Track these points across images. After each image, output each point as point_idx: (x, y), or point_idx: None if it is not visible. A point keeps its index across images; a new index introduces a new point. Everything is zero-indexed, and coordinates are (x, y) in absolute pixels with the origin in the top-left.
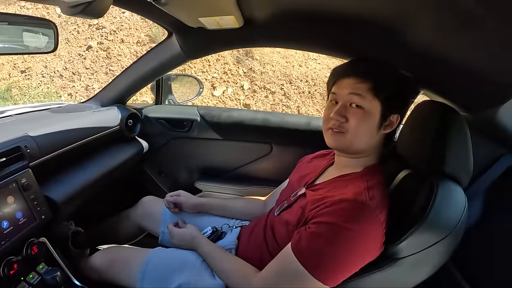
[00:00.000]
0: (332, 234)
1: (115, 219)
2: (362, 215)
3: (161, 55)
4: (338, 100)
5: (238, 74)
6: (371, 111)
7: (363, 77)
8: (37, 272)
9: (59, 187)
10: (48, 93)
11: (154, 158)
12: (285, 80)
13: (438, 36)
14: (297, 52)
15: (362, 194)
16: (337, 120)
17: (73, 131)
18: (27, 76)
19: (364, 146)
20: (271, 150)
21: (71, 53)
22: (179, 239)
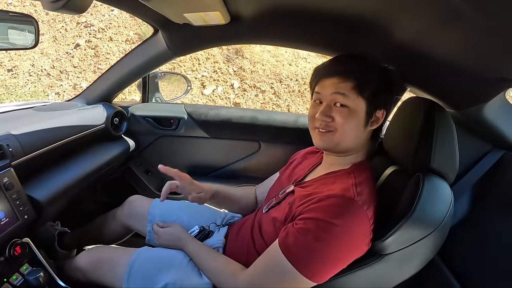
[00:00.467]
0: (320, 230)
1: (101, 219)
2: (349, 211)
3: (147, 52)
4: (322, 100)
5: (228, 73)
6: (356, 109)
7: (345, 76)
8: (20, 273)
9: (43, 186)
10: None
11: (141, 157)
12: (275, 79)
13: (425, 33)
14: (287, 51)
15: (349, 190)
16: (323, 120)
17: (57, 130)
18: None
19: (352, 144)
20: (259, 148)
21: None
22: (165, 238)
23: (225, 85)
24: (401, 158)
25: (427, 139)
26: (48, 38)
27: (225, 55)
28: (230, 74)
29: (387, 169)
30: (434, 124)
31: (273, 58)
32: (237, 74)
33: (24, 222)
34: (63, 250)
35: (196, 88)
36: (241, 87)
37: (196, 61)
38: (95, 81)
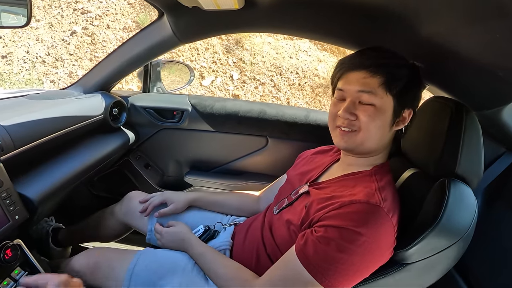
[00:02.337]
0: (343, 239)
1: (98, 216)
2: (375, 219)
3: (151, 38)
4: (346, 97)
5: (227, 64)
6: (383, 108)
7: (373, 71)
8: (12, 278)
9: (36, 183)
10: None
11: (140, 150)
12: (275, 71)
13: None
14: (287, 43)
15: (374, 195)
16: (347, 119)
17: (52, 121)
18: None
19: (376, 145)
20: (267, 144)
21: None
22: (168, 239)
23: (224, 76)
24: (423, 160)
25: (454, 142)
26: (44, 24)
27: (225, 45)
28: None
29: (405, 171)
30: (462, 126)
31: (273, 50)
32: (237, 65)
33: (15, 223)
34: (58, 247)
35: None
36: (240, 78)
37: (195, 51)
38: (93, 68)
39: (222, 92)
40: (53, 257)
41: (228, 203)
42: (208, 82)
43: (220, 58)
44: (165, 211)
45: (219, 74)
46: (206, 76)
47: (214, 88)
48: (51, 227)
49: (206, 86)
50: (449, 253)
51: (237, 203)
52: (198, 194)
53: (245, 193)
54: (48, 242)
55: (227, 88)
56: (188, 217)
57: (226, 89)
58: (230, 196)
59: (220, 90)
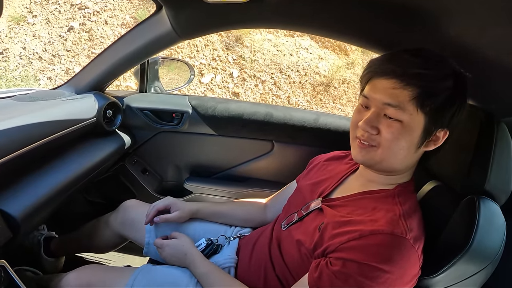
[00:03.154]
0: (363, 275)
1: (93, 224)
2: (400, 253)
3: (148, 33)
4: (370, 106)
5: (227, 61)
6: (411, 126)
7: (404, 81)
8: None
9: (19, 197)
10: (27, 76)
11: (137, 154)
12: (276, 69)
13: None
14: (288, 40)
15: (398, 224)
16: (367, 131)
17: (37, 126)
18: (4, 58)
19: (398, 166)
20: (272, 148)
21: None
22: (170, 252)
23: (224, 74)
24: (447, 174)
25: (484, 156)
26: (41, 20)
27: (225, 42)
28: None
29: (426, 184)
30: (493, 138)
31: (274, 48)
32: (237, 62)
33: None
34: (50, 258)
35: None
36: (240, 76)
37: (194, 48)
38: (86, 67)
39: (222, 90)
40: (45, 268)
41: (232, 214)
42: (207, 79)
43: (219, 55)
44: (168, 217)
45: (218, 71)
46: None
47: (214, 85)
48: (43, 236)
49: (205, 83)
50: (477, 278)
51: (242, 213)
52: (200, 204)
53: (250, 202)
54: (40, 253)
55: (227, 85)
56: (189, 228)
57: (226, 87)
58: (234, 206)
59: (220, 87)
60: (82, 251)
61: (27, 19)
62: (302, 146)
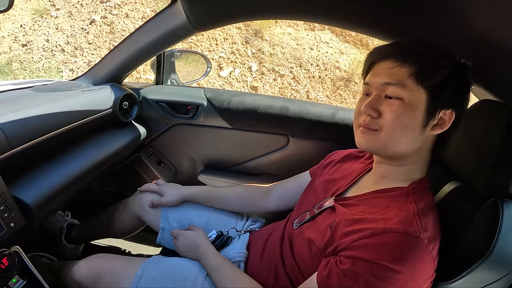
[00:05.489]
0: (373, 275)
1: (112, 209)
2: (413, 253)
3: (163, 25)
4: (371, 91)
5: (246, 55)
6: (412, 103)
7: (402, 59)
8: (9, 287)
9: (34, 186)
10: (49, 68)
11: (153, 146)
12: (295, 63)
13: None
14: (308, 34)
15: (412, 223)
16: (368, 115)
17: (53, 116)
18: (28, 50)
19: (404, 149)
20: (288, 143)
21: (74, 27)
22: (183, 243)
23: (242, 68)
24: (469, 174)
25: (509, 156)
26: (64, 13)
27: (244, 36)
28: (248, 56)
29: (446, 185)
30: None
31: (293, 41)
32: (256, 56)
33: (11, 231)
34: (70, 244)
35: (213, 70)
36: (259, 70)
37: (213, 41)
38: (103, 58)
39: (240, 84)
40: (64, 254)
41: (228, 198)
42: (226, 73)
43: (238, 48)
44: (155, 202)
45: (237, 65)
46: (225, 67)
47: (232, 79)
48: (67, 222)
49: (224, 77)
50: (496, 286)
51: (238, 198)
52: (196, 189)
53: (250, 186)
54: (61, 239)
55: (245, 79)
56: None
57: (244, 81)
58: (231, 190)
59: (238, 81)
60: (102, 237)
61: (50, 12)
62: (318, 141)
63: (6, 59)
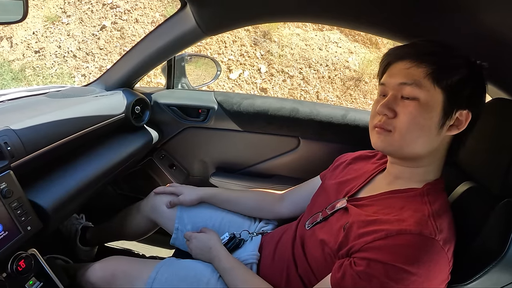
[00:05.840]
0: (388, 277)
1: (125, 213)
2: (429, 255)
3: (173, 30)
4: (387, 92)
5: (255, 57)
6: (429, 103)
7: (418, 60)
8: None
9: (50, 190)
10: (62, 74)
11: (165, 149)
12: (304, 63)
13: None
14: (317, 34)
15: (427, 224)
16: (384, 115)
17: (68, 122)
18: (40, 57)
19: (420, 150)
20: (298, 145)
21: (85, 33)
22: (196, 245)
23: (252, 69)
24: (483, 174)
25: None
26: (75, 19)
27: (253, 38)
28: (257, 58)
29: (460, 185)
30: None
31: (302, 42)
32: (265, 58)
33: (27, 234)
34: (85, 247)
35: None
36: (268, 71)
37: (222, 44)
38: (115, 64)
39: (250, 86)
40: (79, 256)
41: (243, 202)
42: (235, 75)
43: (247, 50)
44: (173, 201)
45: (246, 67)
46: (234, 69)
47: (242, 81)
48: (81, 225)
49: (233, 79)
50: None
51: (253, 202)
52: (212, 190)
53: (264, 192)
54: (76, 241)
55: (255, 81)
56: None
57: (254, 82)
58: (246, 194)
59: (248, 83)
60: (115, 239)
61: (62, 19)
62: (329, 143)
63: (20, 66)
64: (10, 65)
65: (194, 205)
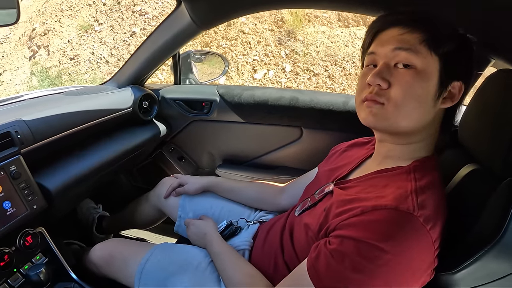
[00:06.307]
0: (360, 255)
1: (135, 202)
2: (404, 232)
3: (171, 28)
4: (378, 61)
5: (279, 56)
6: (426, 70)
7: (412, 25)
8: (33, 263)
9: (55, 174)
10: (95, 79)
11: (174, 142)
12: (330, 61)
13: None
14: (343, 31)
15: (407, 199)
16: (377, 85)
17: (76, 114)
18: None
19: (415, 124)
20: (301, 135)
21: (116, 40)
22: (193, 231)
23: (276, 69)
24: (484, 154)
25: None
26: (106, 27)
27: (277, 37)
28: (282, 57)
29: (463, 168)
30: None
31: (327, 40)
32: (289, 57)
33: (33, 212)
34: (101, 234)
35: (247, 73)
36: (293, 70)
37: (247, 45)
38: (125, 64)
39: (275, 85)
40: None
41: (244, 192)
42: (260, 75)
43: (272, 50)
44: (179, 191)
45: (271, 67)
46: (259, 69)
47: (266, 81)
48: (98, 214)
49: (258, 79)
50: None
51: (254, 194)
52: (215, 179)
53: (266, 184)
54: (92, 229)
55: (280, 80)
56: (215, 209)
57: (279, 82)
58: (248, 185)
59: (273, 82)
60: (128, 228)
61: (94, 27)
62: (331, 131)
63: (56, 72)
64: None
65: (198, 194)
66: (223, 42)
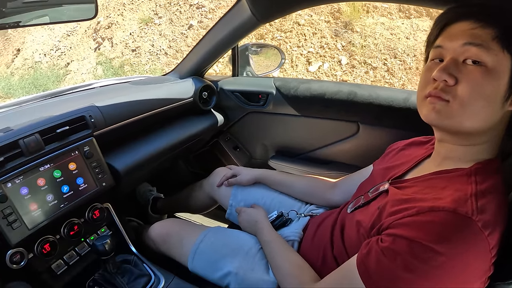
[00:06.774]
0: (413, 255)
1: (190, 188)
2: (462, 235)
3: (232, 21)
4: (445, 56)
5: (335, 48)
6: (497, 69)
7: (485, 20)
8: (98, 234)
9: (123, 156)
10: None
11: (230, 132)
12: (389, 54)
13: None
14: (403, 22)
15: (466, 203)
16: (442, 81)
17: (142, 102)
18: (137, 54)
19: (480, 125)
20: (358, 131)
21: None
22: (244, 218)
23: (332, 61)
24: None
25: None
26: (165, 20)
27: (333, 29)
28: (338, 49)
29: None
30: None
31: (387, 31)
32: (346, 49)
33: (102, 189)
34: (155, 214)
35: (302, 65)
36: (349, 63)
37: (302, 37)
38: (187, 55)
39: (330, 78)
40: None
41: (295, 185)
42: (314, 68)
43: (328, 42)
44: (232, 181)
45: (326, 59)
46: (313, 61)
47: (321, 73)
48: (153, 196)
49: (312, 72)
50: None
51: (305, 187)
52: (267, 171)
53: (317, 178)
54: (148, 209)
55: (335, 73)
56: (266, 199)
57: (334, 75)
58: (299, 179)
59: (327, 75)
60: (181, 211)
61: (154, 20)
62: (389, 128)
63: (119, 63)
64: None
65: (249, 185)
66: (278, 34)
